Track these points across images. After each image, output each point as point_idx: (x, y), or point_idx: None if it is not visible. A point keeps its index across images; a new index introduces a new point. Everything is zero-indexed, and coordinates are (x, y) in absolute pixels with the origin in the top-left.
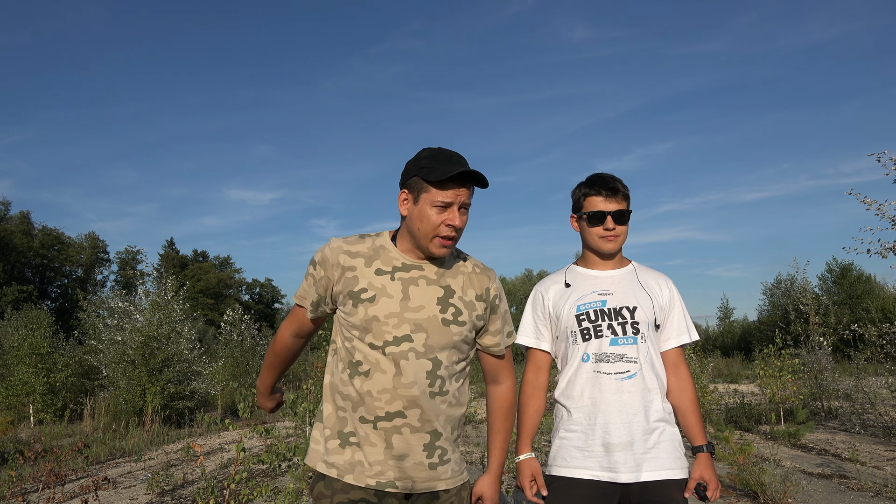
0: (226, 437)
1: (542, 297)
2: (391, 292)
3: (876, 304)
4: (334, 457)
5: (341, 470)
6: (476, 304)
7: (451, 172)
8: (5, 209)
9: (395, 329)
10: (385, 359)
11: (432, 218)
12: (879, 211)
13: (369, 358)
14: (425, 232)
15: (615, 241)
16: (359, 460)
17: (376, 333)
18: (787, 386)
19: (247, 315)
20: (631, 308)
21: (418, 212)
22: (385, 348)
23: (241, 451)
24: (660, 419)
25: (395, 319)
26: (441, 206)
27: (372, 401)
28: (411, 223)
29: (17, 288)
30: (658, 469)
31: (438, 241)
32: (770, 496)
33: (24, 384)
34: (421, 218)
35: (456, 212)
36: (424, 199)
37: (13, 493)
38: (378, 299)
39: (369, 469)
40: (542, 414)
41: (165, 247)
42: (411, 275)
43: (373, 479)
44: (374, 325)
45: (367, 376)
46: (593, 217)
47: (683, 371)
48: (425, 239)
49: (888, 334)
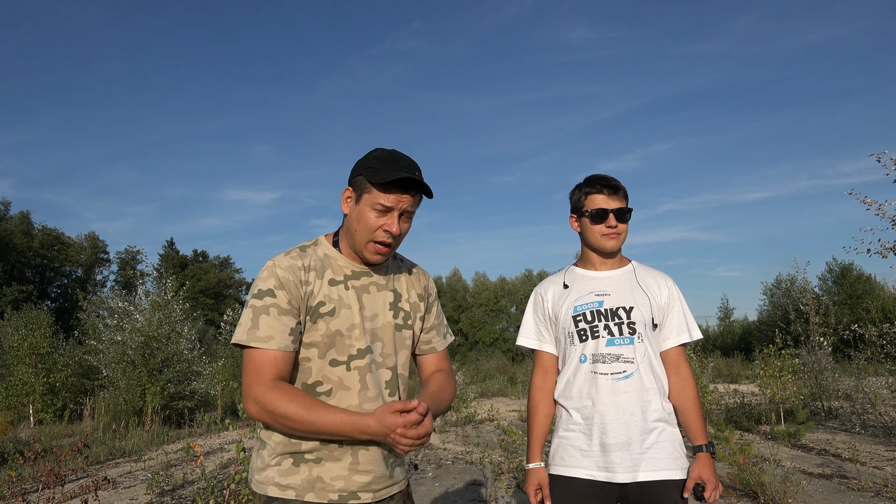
0: (226, 437)
1: (542, 298)
2: (349, 303)
3: (876, 304)
4: (289, 478)
5: (299, 490)
6: (419, 305)
7: (396, 176)
8: (5, 209)
9: (357, 341)
10: (349, 374)
11: (370, 220)
12: (880, 211)
13: (330, 377)
14: (361, 234)
15: (617, 239)
16: (318, 476)
17: (340, 348)
18: (788, 386)
19: None
20: (627, 308)
21: (358, 212)
22: (350, 363)
23: (241, 451)
24: (658, 419)
25: (358, 331)
26: (381, 210)
27: None
28: (350, 223)
29: (17, 288)
30: (655, 469)
31: (373, 246)
32: (770, 496)
33: (24, 384)
34: (359, 219)
35: (395, 218)
36: (366, 200)
37: (13, 493)
38: (338, 312)
39: (330, 485)
40: (551, 419)
41: (165, 247)
42: (362, 282)
43: (335, 494)
44: (337, 340)
45: (330, 396)
46: (596, 215)
47: (684, 370)
48: (361, 242)
49: (888, 334)
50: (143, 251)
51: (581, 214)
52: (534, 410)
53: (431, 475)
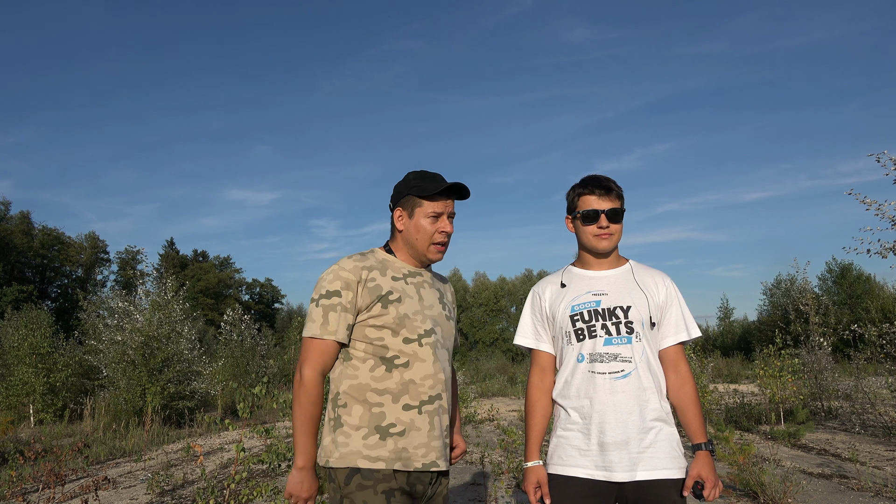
0: (226, 437)
1: (540, 298)
2: (410, 293)
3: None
4: (377, 451)
5: (388, 461)
6: (454, 305)
7: (441, 187)
8: (5, 209)
9: (422, 324)
10: (422, 349)
11: (428, 228)
12: (879, 211)
13: (406, 351)
14: (423, 240)
15: (609, 240)
16: (403, 447)
17: (409, 328)
18: (787, 386)
19: (247, 315)
20: (625, 308)
21: (415, 224)
22: (421, 340)
23: (241, 451)
24: (656, 418)
25: (420, 316)
26: (433, 217)
27: (416, 387)
28: (409, 235)
29: (17, 288)
30: (654, 468)
31: (434, 247)
32: (770, 496)
33: (24, 384)
34: (418, 229)
35: (446, 220)
36: (419, 213)
37: (13, 493)
38: (403, 299)
39: (415, 453)
40: (549, 418)
41: (165, 247)
42: (418, 280)
43: (419, 462)
44: (406, 322)
45: (408, 367)
46: (587, 216)
47: (683, 368)
48: (424, 247)
49: (888, 334)
50: (143, 251)
51: (575, 215)
52: (531, 409)
53: None
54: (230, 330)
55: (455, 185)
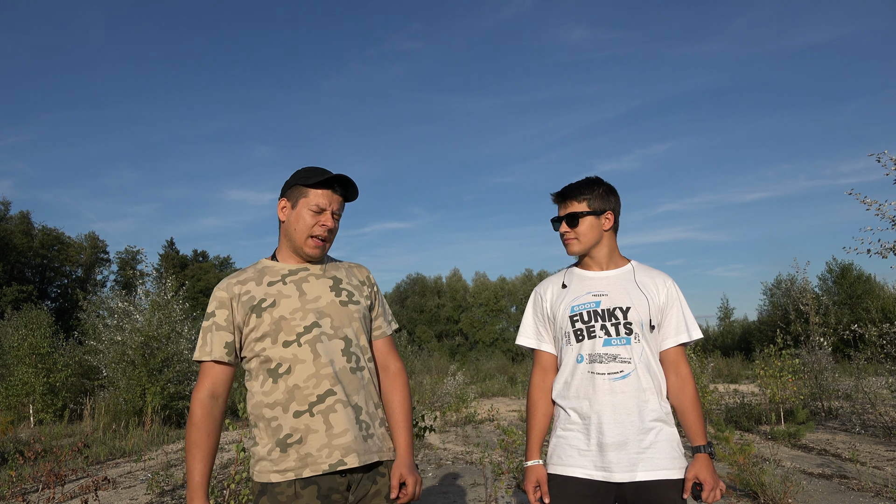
0: (226, 437)
1: (541, 298)
2: (287, 293)
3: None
4: (284, 463)
5: (296, 469)
6: (363, 288)
7: (326, 176)
8: (5, 209)
9: (302, 320)
10: (301, 349)
11: (308, 220)
12: (879, 211)
13: (285, 356)
14: (301, 232)
15: (574, 244)
16: (306, 453)
17: (287, 330)
18: (788, 386)
19: None
20: (624, 308)
21: (295, 215)
22: (300, 339)
23: (241, 451)
24: (656, 419)
25: (300, 313)
26: (316, 211)
27: (301, 391)
28: (289, 226)
29: (17, 288)
30: (653, 469)
31: (312, 240)
32: (770, 496)
33: (24, 384)
34: (298, 220)
35: (329, 216)
36: (302, 204)
37: (13, 493)
38: (278, 302)
39: (318, 455)
40: (550, 418)
41: (165, 247)
42: (300, 276)
43: (325, 464)
44: (282, 324)
45: (290, 372)
46: (553, 223)
47: (684, 370)
48: (300, 239)
49: (888, 334)
50: (142, 251)
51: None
52: (532, 409)
53: (431, 475)
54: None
55: (339, 176)
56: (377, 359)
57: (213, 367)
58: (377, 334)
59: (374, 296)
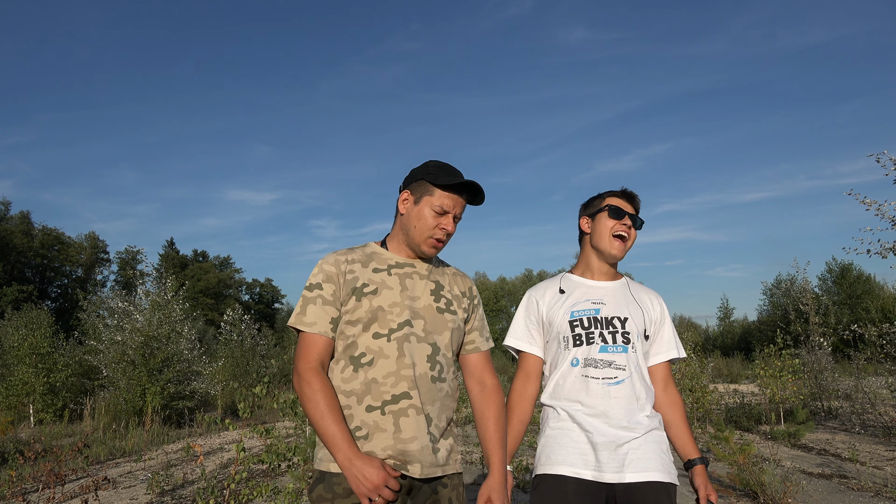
0: (226, 437)
1: (537, 302)
2: (391, 285)
3: (876, 304)
4: None
5: None
6: (462, 299)
7: (457, 181)
8: (5, 209)
9: (397, 317)
10: (388, 345)
11: (429, 220)
12: (879, 211)
13: (372, 347)
14: (420, 231)
15: (623, 246)
16: (369, 451)
17: (381, 322)
18: (787, 386)
19: (247, 315)
20: (622, 318)
21: (417, 212)
22: (391, 335)
23: (241, 451)
24: (647, 424)
25: (398, 308)
26: (439, 212)
27: (378, 386)
28: (408, 221)
29: (17, 288)
30: (644, 470)
31: (431, 241)
32: (770, 496)
33: (24, 384)
34: (419, 217)
35: (451, 219)
36: (426, 202)
37: (13, 493)
38: (380, 291)
39: (381, 455)
40: (526, 425)
41: (165, 247)
42: (405, 270)
43: (390, 462)
44: (379, 315)
45: (371, 365)
46: (615, 210)
47: (672, 388)
48: (419, 237)
49: (888, 334)
50: (143, 251)
51: (598, 211)
52: (508, 413)
53: None
54: (230, 330)
55: (470, 182)
56: (473, 374)
57: (317, 339)
58: (470, 348)
59: (472, 308)
